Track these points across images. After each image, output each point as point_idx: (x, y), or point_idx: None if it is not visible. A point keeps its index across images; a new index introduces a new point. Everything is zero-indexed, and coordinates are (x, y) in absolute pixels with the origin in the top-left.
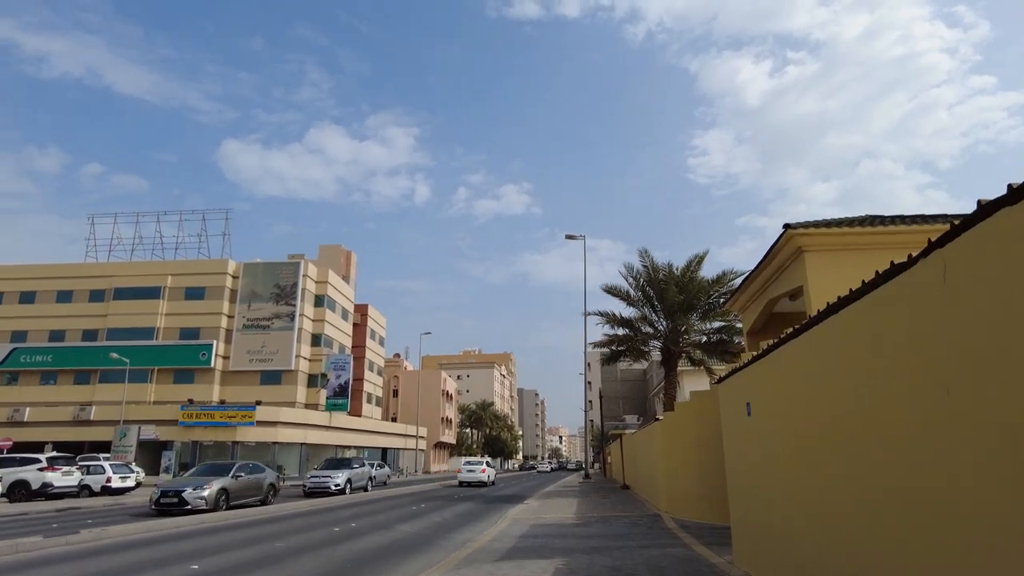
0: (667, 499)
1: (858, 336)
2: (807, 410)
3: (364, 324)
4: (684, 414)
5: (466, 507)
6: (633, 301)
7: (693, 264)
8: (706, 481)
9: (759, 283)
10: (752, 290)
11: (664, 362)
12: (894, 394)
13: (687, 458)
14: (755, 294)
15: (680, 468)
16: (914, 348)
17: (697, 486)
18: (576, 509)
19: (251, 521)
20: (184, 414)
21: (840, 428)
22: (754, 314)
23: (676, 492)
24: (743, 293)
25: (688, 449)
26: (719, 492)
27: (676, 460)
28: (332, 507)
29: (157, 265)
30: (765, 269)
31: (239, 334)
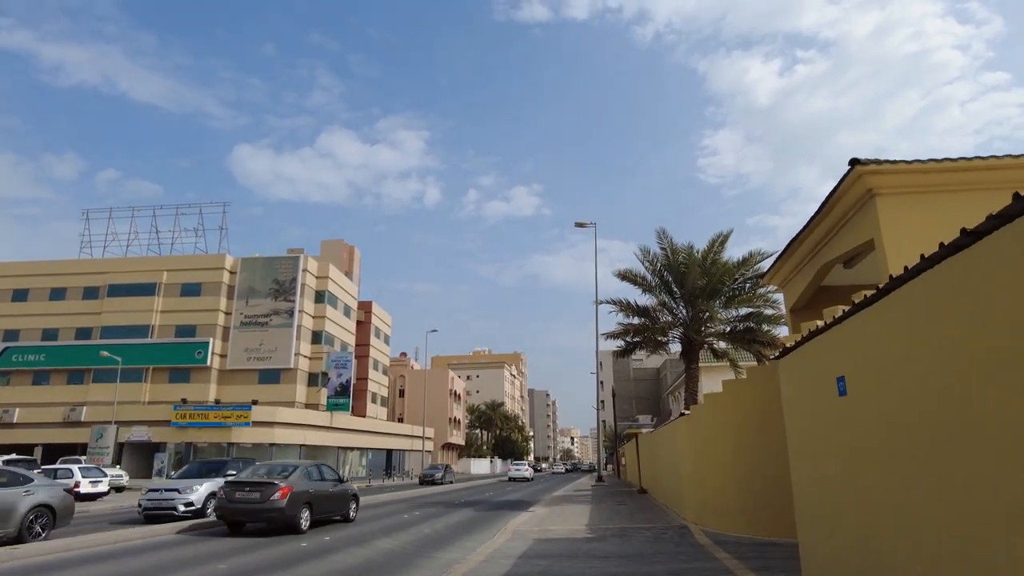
0: (695, 508)
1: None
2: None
3: (368, 322)
4: (716, 407)
5: (464, 515)
6: (650, 287)
7: (716, 244)
8: (744, 488)
9: (809, 245)
10: (799, 256)
11: (684, 354)
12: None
13: (720, 460)
14: (802, 261)
15: (711, 472)
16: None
17: (733, 494)
18: (588, 519)
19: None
20: (177, 414)
21: None
22: (799, 287)
23: (706, 500)
24: (785, 262)
25: (721, 449)
26: (762, 501)
27: (706, 463)
28: None
29: (152, 261)
30: (819, 224)
31: (236, 331)
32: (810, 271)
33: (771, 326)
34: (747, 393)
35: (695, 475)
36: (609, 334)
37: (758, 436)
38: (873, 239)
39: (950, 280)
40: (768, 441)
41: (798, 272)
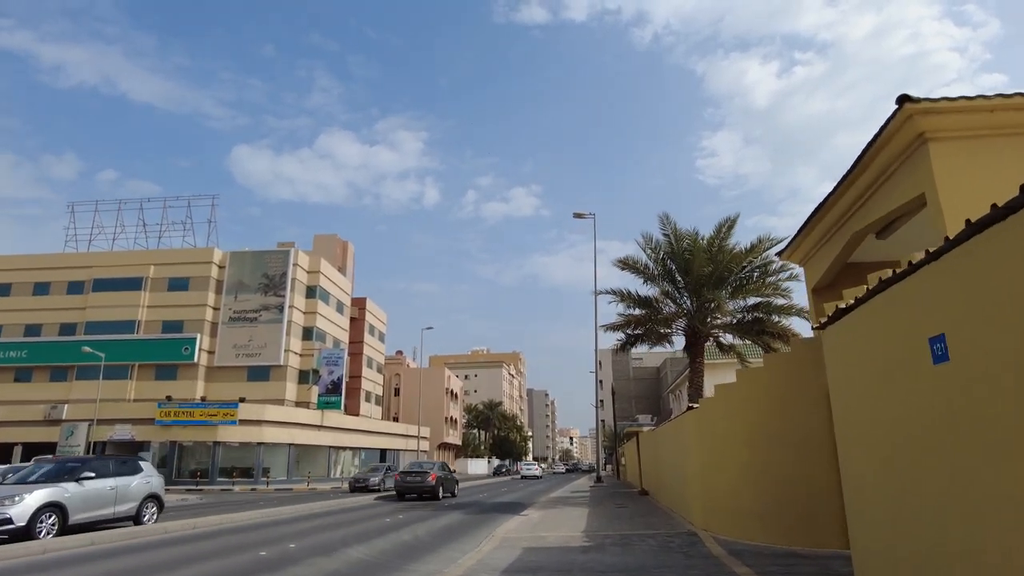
0: (703, 511)
1: None
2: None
3: (362, 319)
4: (729, 399)
5: (452, 519)
6: (652, 276)
7: (723, 229)
8: (760, 489)
9: (838, 211)
10: (824, 227)
11: (688, 346)
12: None
13: (734, 459)
14: (828, 232)
15: (722, 472)
16: None
17: (747, 496)
18: (586, 523)
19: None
20: (161, 412)
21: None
22: (823, 263)
23: (716, 503)
24: (808, 234)
25: (734, 446)
26: (781, 504)
27: (716, 461)
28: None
29: (139, 255)
30: (854, 184)
31: (225, 327)
32: (837, 243)
33: (781, 317)
34: (763, 382)
35: (704, 475)
36: (609, 326)
37: (777, 430)
38: (924, 194)
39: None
40: (789, 435)
41: (823, 246)
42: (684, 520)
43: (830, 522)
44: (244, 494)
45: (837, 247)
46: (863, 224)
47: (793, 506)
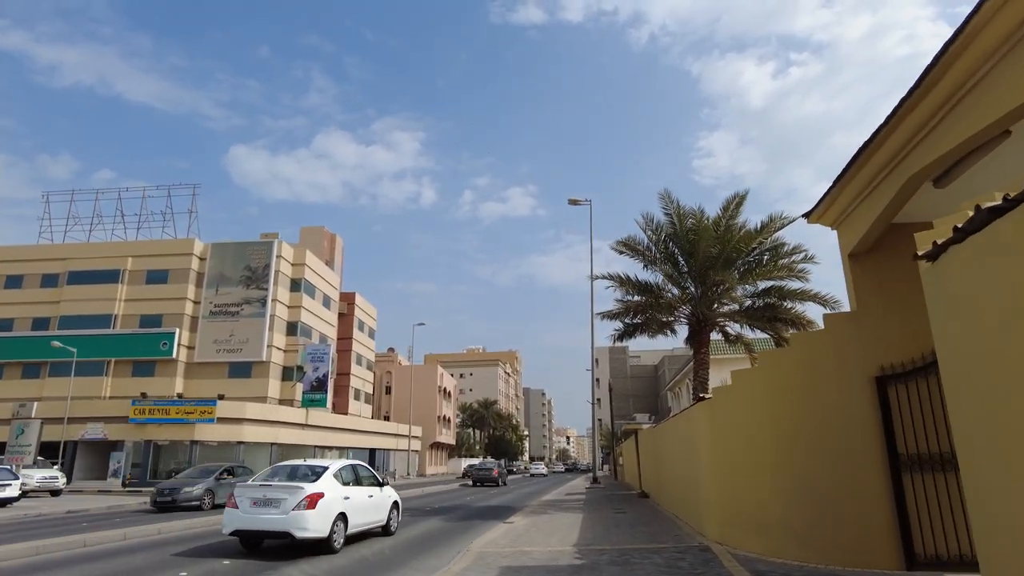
0: (718, 521)
1: None
2: None
3: (351, 314)
4: (750, 387)
5: (429, 527)
6: (653, 259)
7: (731, 207)
8: (794, 496)
9: (893, 147)
10: (870, 171)
11: (692, 337)
12: None
13: (757, 459)
14: (875, 179)
15: (744, 475)
16: None
17: (775, 503)
18: (578, 534)
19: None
20: (135, 410)
21: None
22: (864, 221)
23: (736, 512)
24: (846, 187)
25: (758, 443)
26: (819, 514)
27: (736, 462)
28: None
29: (116, 246)
30: (917, 108)
31: (205, 321)
32: (884, 194)
33: (795, 302)
34: (791, 365)
35: (719, 478)
36: (606, 313)
37: (811, 423)
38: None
39: None
40: (827, 429)
41: (863, 200)
42: (694, 531)
43: (882, 535)
44: None
45: (883, 199)
46: (925, 162)
47: (834, 515)
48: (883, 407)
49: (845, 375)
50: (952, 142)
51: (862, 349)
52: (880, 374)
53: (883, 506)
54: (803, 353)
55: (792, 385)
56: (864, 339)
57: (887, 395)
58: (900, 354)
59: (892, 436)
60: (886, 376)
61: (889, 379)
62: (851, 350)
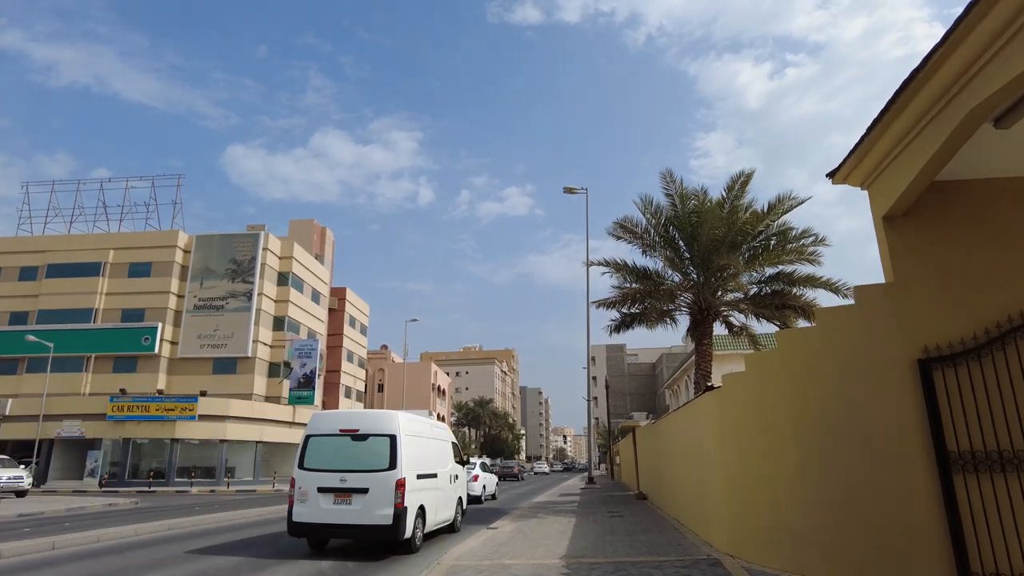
0: (729, 528)
1: None
2: None
3: (342, 310)
4: (768, 375)
5: None
6: (652, 243)
7: (737, 187)
8: (821, 503)
9: (947, 78)
10: (914, 114)
11: (694, 328)
12: None
13: (778, 458)
14: (919, 122)
15: (761, 477)
16: None
17: (800, 512)
18: (569, 542)
19: None
20: (113, 407)
21: None
22: (904, 176)
23: (751, 520)
24: (881, 136)
25: (777, 439)
26: (852, 526)
27: (752, 462)
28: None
29: (97, 238)
30: (984, 20)
31: (189, 316)
32: (930, 140)
33: (805, 289)
34: (819, 347)
35: (730, 480)
36: (602, 302)
37: (843, 416)
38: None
39: None
40: (862, 424)
41: (904, 148)
42: (699, 539)
43: (930, 549)
44: (200, 496)
45: (929, 147)
46: (989, 92)
47: (869, 525)
48: (928, 396)
49: (881, 358)
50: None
51: (901, 327)
52: (924, 356)
53: (930, 514)
54: (830, 333)
55: (818, 370)
56: (903, 315)
57: (932, 381)
58: (947, 333)
59: (940, 430)
60: (931, 359)
61: (934, 362)
62: (888, 328)
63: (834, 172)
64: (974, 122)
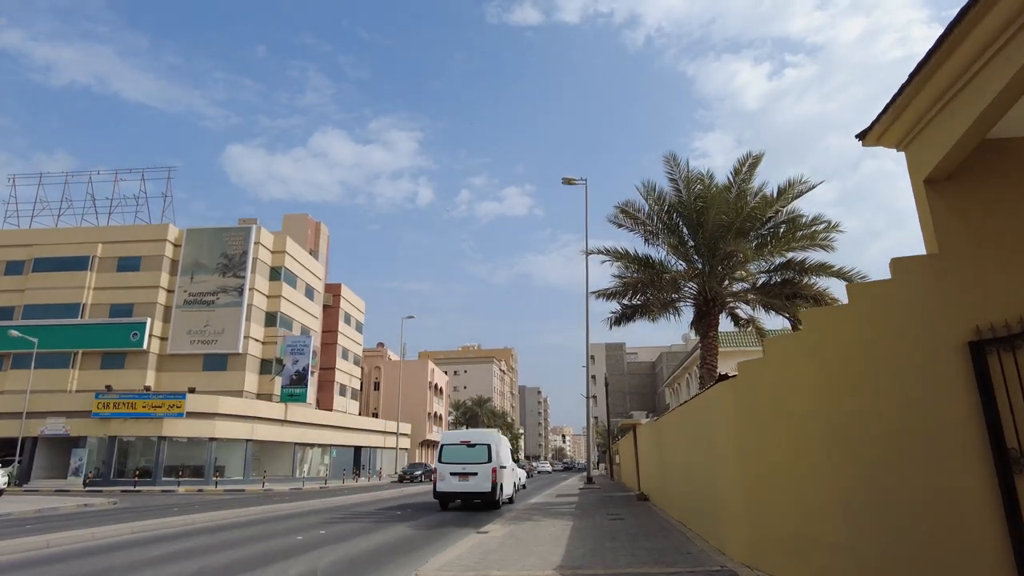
0: (748, 537)
1: None
2: None
3: (336, 306)
4: (794, 359)
5: (387, 537)
6: (654, 231)
7: (744, 170)
8: (854, 508)
9: (1009, 10)
10: (971, 51)
11: (699, 319)
12: None
13: (806, 458)
14: (975, 61)
15: (785, 478)
16: None
17: (830, 518)
18: (564, 550)
19: None
20: (99, 403)
21: None
22: (951, 131)
23: (771, 526)
24: (924, 86)
25: (807, 437)
26: (898, 538)
27: (773, 461)
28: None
29: (85, 232)
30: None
31: (179, 311)
32: (984, 88)
33: (818, 277)
34: (853, 328)
35: (748, 481)
36: (602, 292)
37: (883, 407)
38: None
39: None
40: (905, 415)
41: (951, 100)
42: (710, 546)
43: (987, 561)
44: (186, 496)
45: (983, 96)
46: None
47: (915, 533)
48: (982, 383)
49: (925, 339)
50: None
51: (948, 305)
52: (975, 338)
53: (987, 520)
54: (865, 312)
55: (850, 356)
56: (950, 292)
57: (986, 366)
58: (1002, 310)
59: (997, 423)
60: (983, 341)
61: (988, 344)
62: (932, 306)
63: (865, 132)
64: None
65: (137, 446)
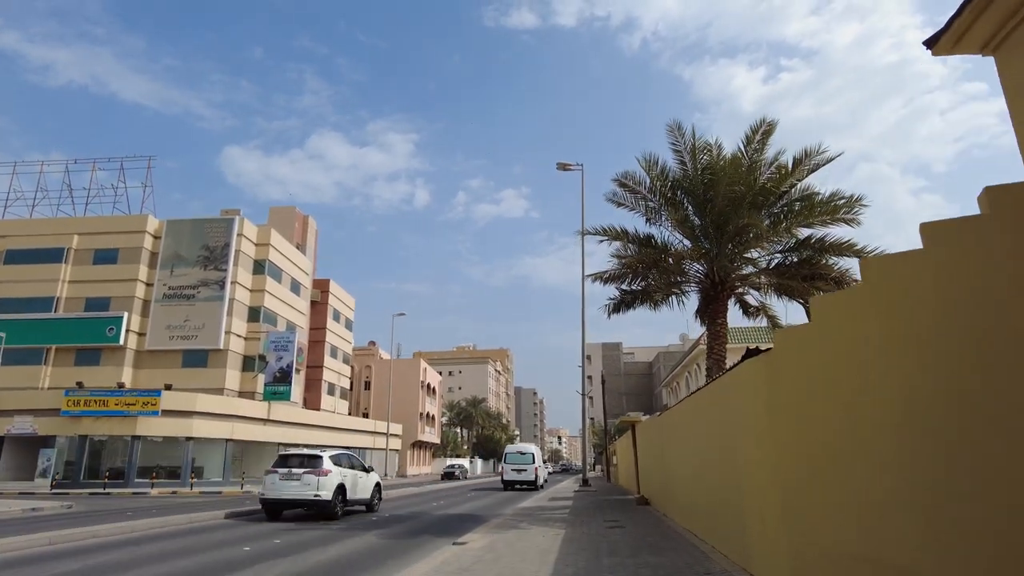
0: (789, 555)
1: None
2: None
3: (325, 302)
4: (851, 323)
5: (350, 549)
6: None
7: (756, 138)
8: (942, 521)
9: None
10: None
11: (705, 305)
12: None
13: (866, 457)
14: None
15: (837, 479)
16: None
17: (908, 535)
18: (553, 569)
19: None
20: (68, 401)
21: None
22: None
23: (819, 542)
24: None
25: (869, 426)
26: (1000, 555)
27: (820, 456)
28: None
29: (61, 223)
30: None
31: (158, 305)
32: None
33: (840, 257)
34: (933, 278)
35: (788, 484)
36: (599, 274)
37: (980, 384)
38: None
39: None
40: (1014, 391)
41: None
42: (731, 563)
43: None
44: (156, 499)
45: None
46: None
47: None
48: None
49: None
50: None
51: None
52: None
53: None
54: (953, 256)
55: (932, 314)
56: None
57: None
58: None
59: None
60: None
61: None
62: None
63: (937, 37)
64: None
65: (110, 446)
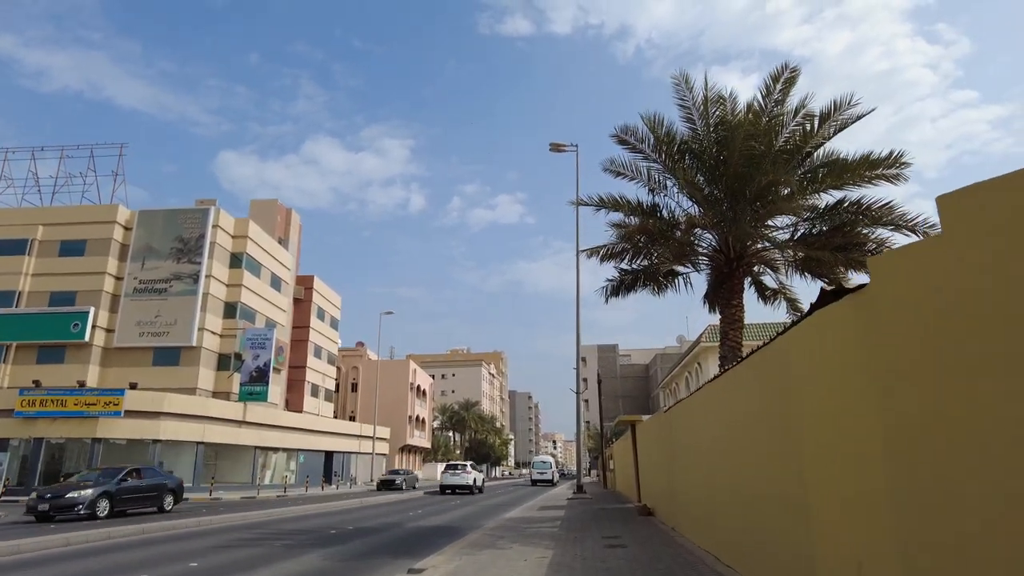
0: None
1: None
2: None
3: (309, 300)
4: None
5: (287, 571)
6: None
7: (776, 88)
8: None
9: None
10: None
11: (717, 286)
12: None
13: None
14: None
15: (993, 491)
16: None
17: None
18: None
19: None
20: (23, 401)
21: None
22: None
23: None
24: None
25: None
26: None
27: (960, 446)
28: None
29: (24, 213)
30: None
31: (128, 300)
32: None
33: (877, 228)
34: None
35: (913, 499)
36: (596, 249)
37: None
38: None
39: None
40: None
41: None
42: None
43: None
44: None
45: None
46: None
47: None
48: None
49: None
50: None
51: None
52: None
53: None
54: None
55: None
56: None
57: None
58: None
59: None
60: None
61: None
62: None
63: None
64: None
65: (69, 449)
